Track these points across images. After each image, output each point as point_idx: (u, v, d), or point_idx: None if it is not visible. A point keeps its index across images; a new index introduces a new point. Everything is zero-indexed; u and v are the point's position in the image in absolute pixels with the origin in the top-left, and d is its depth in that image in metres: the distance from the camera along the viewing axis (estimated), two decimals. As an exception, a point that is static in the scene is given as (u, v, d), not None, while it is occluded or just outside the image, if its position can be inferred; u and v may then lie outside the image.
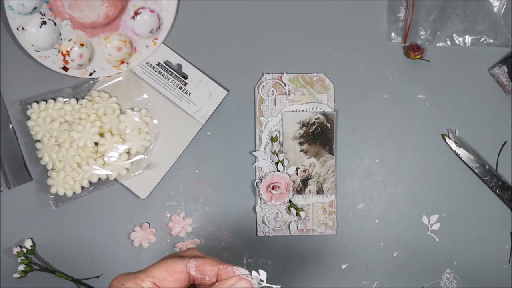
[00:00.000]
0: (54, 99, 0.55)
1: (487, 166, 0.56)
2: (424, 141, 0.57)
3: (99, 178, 0.55)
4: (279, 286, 0.35)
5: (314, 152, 0.57)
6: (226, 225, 0.57)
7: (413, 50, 0.56)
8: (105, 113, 0.55)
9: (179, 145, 0.57)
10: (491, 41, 0.58)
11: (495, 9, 0.58)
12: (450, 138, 0.57)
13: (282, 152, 0.56)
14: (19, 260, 0.55)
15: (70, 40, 0.56)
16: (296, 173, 0.56)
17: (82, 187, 0.55)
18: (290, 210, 0.56)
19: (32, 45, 0.55)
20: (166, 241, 0.57)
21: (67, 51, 0.56)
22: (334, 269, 0.57)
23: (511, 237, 0.53)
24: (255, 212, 0.57)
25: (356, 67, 0.58)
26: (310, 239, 0.57)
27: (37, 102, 0.55)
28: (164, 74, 0.57)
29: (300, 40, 0.58)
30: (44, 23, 0.55)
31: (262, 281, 0.35)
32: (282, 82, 0.57)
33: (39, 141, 0.55)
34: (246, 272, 0.34)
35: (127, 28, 0.56)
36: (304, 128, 0.57)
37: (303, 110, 0.57)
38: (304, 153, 0.56)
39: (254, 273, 0.35)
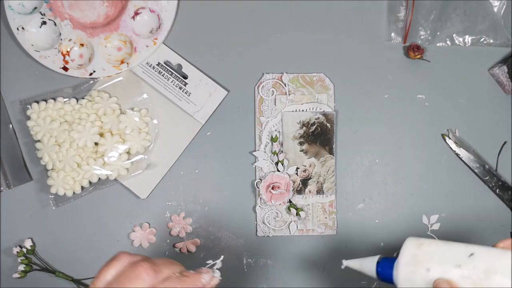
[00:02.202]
0: (54, 99, 0.55)
1: (487, 166, 0.56)
2: (424, 141, 0.57)
3: (99, 178, 0.55)
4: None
5: (314, 152, 0.57)
6: (226, 225, 0.57)
7: (413, 50, 0.56)
8: (105, 113, 0.55)
9: (179, 145, 0.57)
10: (491, 41, 0.58)
11: (495, 9, 0.58)
12: (450, 138, 0.57)
13: (282, 152, 0.56)
14: (19, 260, 0.55)
15: (70, 40, 0.56)
16: (296, 173, 0.56)
17: (82, 187, 0.55)
18: (290, 210, 0.56)
19: (32, 45, 0.55)
20: (166, 241, 0.57)
21: (67, 51, 0.56)
22: (334, 269, 0.57)
23: (511, 237, 0.53)
24: (255, 212, 0.57)
25: (356, 67, 0.58)
26: (310, 239, 0.57)
27: (37, 102, 0.55)
28: (164, 74, 0.57)
29: (300, 40, 0.58)
30: (44, 23, 0.55)
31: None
32: (282, 82, 0.57)
33: (39, 141, 0.55)
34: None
35: (127, 28, 0.56)
36: (304, 128, 0.57)
37: (303, 110, 0.57)
38: (304, 153, 0.56)
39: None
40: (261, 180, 0.56)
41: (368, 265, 0.45)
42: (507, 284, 0.35)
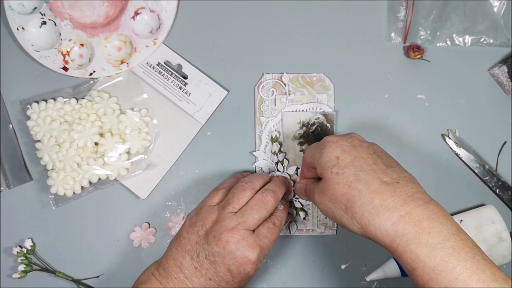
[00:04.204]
0: (54, 99, 0.55)
1: (487, 166, 0.56)
2: (424, 141, 0.57)
3: (99, 178, 0.55)
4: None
5: (314, 152, 0.56)
6: (226, 225, 0.57)
7: (413, 50, 0.56)
8: (105, 113, 0.55)
9: (179, 145, 0.57)
10: (491, 41, 0.58)
11: (495, 9, 0.58)
12: (450, 138, 0.57)
13: (282, 152, 0.56)
14: (19, 260, 0.55)
15: (70, 40, 0.56)
16: (296, 173, 0.56)
17: (82, 187, 0.55)
18: (290, 209, 0.56)
19: (32, 45, 0.55)
20: (166, 241, 0.57)
21: (67, 51, 0.56)
22: (334, 269, 0.57)
23: (511, 237, 0.53)
24: (255, 212, 0.56)
25: (356, 67, 0.58)
26: (310, 239, 0.57)
27: (37, 102, 0.55)
28: (164, 74, 0.57)
29: (300, 40, 0.58)
30: (44, 23, 0.55)
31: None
32: (282, 82, 0.57)
33: (39, 141, 0.55)
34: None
35: (127, 28, 0.56)
36: (304, 128, 0.57)
37: (303, 110, 0.57)
38: (304, 153, 0.56)
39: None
40: (261, 180, 0.56)
41: (391, 268, 0.54)
42: (492, 228, 0.53)
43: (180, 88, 0.57)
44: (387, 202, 0.39)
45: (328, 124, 0.57)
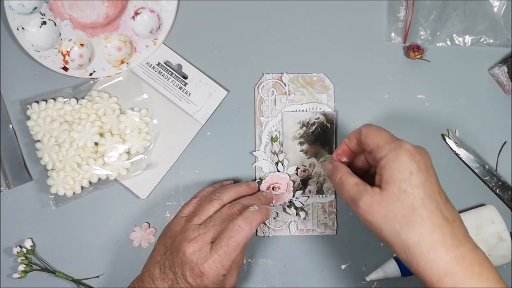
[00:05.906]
0: (54, 99, 0.55)
1: (487, 166, 0.56)
2: (424, 141, 0.57)
3: (99, 178, 0.55)
4: None
5: (314, 152, 0.57)
6: (226, 225, 0.57)
7: (413, 50, 0.56)
8: (105, 113, 0.55)
9: (179, 145, 0.57)
10: (491, 41, 0.58)
11: (495, 9, 0.58)
12: (450, 138, 0.57)
13: (282, 152, 0.56)
14: (19, 260, 0.55)
15: (70, 40, 0.56)
16: (296, 173, 0.56)
17: (82, 187, 0.55)
18: (290, 209, 0.56)
19: (32, 45, 0.55)
20: (166, 241, 0.57)
21: (67, 51, 0.56)
22: (334, 269, 0.57)
23: (511, 237, 0.53)
24: (255, 212, 0.56)
25: (356, 67, 0.58)
26: (310, 239, 0.57)
27: (37, 102, 0.55)
28: (164, 74, 0.57)
29: (300, 40, 0.58)
30: (44, 23, 0.55)
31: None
32: (282, 82, 0.57)
33: (39, 141, 0.55)
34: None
35: (127, 28, 0.56)
36: (304, 128, 0.57)
37: (303, 110, 0.57)
38: (304, 153, 0.56)
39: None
40: (261, 180, 0.56)
41: (391, 268, 0.54)
42: (492, 228, 0.53)
43: (180, 88, 0.57)
44: (446, 240, 0.39)
45: (328, 124, 0.57)
